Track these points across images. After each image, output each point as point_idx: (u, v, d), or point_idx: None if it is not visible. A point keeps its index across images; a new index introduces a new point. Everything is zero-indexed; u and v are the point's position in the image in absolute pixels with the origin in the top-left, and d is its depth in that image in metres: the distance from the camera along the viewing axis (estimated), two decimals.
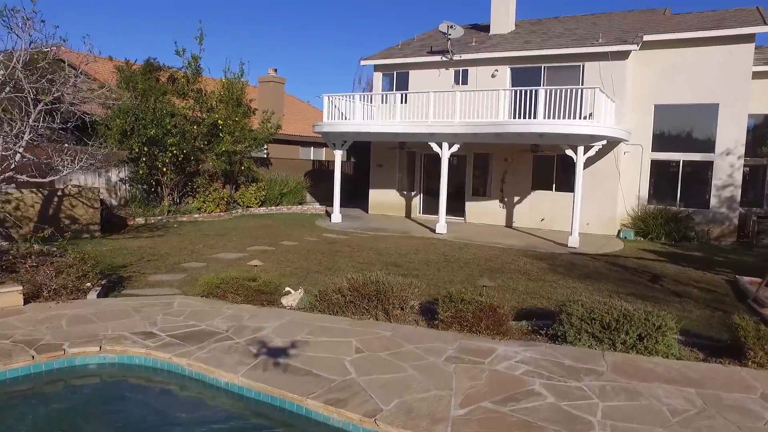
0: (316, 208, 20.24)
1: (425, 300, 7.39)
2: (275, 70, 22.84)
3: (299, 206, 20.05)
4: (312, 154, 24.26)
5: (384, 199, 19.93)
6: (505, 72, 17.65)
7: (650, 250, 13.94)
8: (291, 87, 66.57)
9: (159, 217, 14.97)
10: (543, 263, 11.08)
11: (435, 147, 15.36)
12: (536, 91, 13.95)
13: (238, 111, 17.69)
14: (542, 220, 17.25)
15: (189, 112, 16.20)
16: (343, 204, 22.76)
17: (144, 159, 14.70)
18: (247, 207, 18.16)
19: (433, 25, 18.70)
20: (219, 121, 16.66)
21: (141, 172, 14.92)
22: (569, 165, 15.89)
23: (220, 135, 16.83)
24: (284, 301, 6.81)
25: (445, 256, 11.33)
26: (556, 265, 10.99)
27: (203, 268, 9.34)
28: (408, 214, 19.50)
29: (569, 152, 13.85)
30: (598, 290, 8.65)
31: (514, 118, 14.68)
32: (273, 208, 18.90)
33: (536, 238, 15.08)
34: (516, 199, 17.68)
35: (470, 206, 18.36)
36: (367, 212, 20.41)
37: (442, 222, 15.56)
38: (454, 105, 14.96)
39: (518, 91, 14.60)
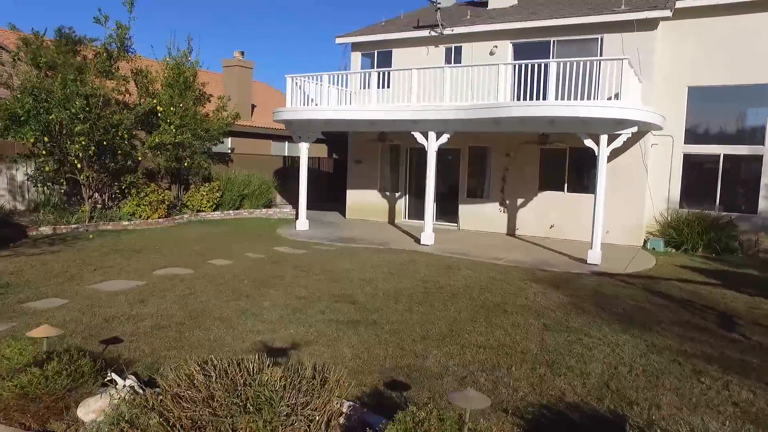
0: (286, 211, 17.23)
1: (368, 390, 4.41)
2: (242, 53, 19.86)
3: (265, 210, 17.02)
4: (286, 149, 21.28)
5: (364, 202, 16.92)
6: (506, 48, 14.64)
7: (691, 267, 10.93)
8: (265, 74, 62.70)
9: (75, 225, 11.95)
10: (560, 293, 8.07)
11: (420, 138, 12.35)
12: (546, 65, 10.94)
13: (187, 96, 14.68)
14: (552, 227, 14.25)
15: (118, 96, 13.14)
16: (320, 206, 19.81)
17: (44, 152, 11.65)
18: (198, 211, 15.15)
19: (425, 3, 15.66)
20: (158, 108, 13.64)
21: (47, 168, 11.89)
22: (585, 160, 12.94)
23: (160, 124, 13.83)
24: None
25: (426, 284, 8.31)
26: (579, 296, 7.99)
27: (56, 310, 6.32)
28: (391, 219, 16.49)
29: (589, 143, 10.84)
30: (653, 349, 5.65)
31: (518, 100, 11.68)
32: (231, 212, 15.88)
33: (546, 251, 12.07)
34: (520, 201, 14.67)
35: (465, 210, 15.36)
36: (344, 215, 17.41)
37: (428, 231, 12.55)
38: (443, 85, 11.94)
39: (523, 66, 11.57)
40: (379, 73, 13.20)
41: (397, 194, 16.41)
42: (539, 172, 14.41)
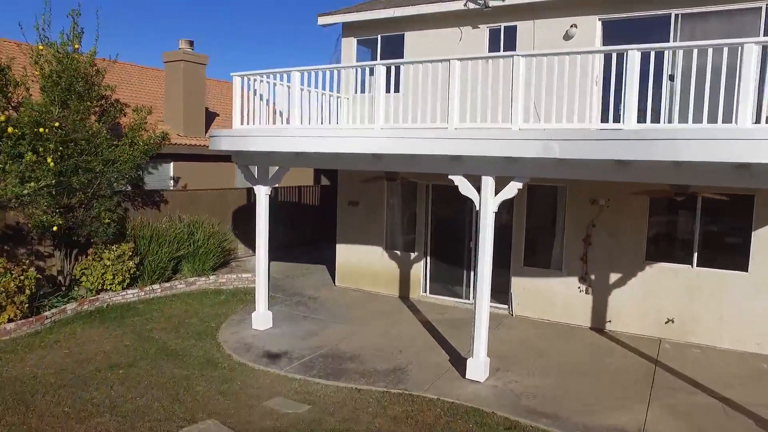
0: (246, 277, 11.41)
1: None
2: (190, 43, 14.25)
3: (215, 276, 11.30)
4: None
5: (362, 264, 11.30)
6: (590, 27, 9.01)
7: None
8: (228, 71, 54.73)
9: None
10: None
11: (464, 186, 6.78)
12: (742, 47, 5.30)
13: (78, 105, 9.08)
14: (669, 322, 8.65)
15: None
16: (301, 256, 14.17)
17: None
18: (100, 291, 9.50)
19: None
20: (10, 130, 8.01)
21: None
22: (733, 214, 7.47)
23: (15, 148, 8.25)
24: None
25: None
26: None
27: None
28: (404, 293, 10.87)
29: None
30: None
31: (660, 122, 6.05)
32: (158, 287, 10.21)
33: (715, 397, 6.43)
34: (614, 277, 9.08)
35: (521, 285, 9.75)
36: (333, 281, 11.80)
37: (479, 355, 6.88)
38: (512, 91, 6.32)
39: (676, 53, 5.97)
40: (387, 68, 7.49)
41: (412, 255, 10.77)
42: (647, 233, 8.81)
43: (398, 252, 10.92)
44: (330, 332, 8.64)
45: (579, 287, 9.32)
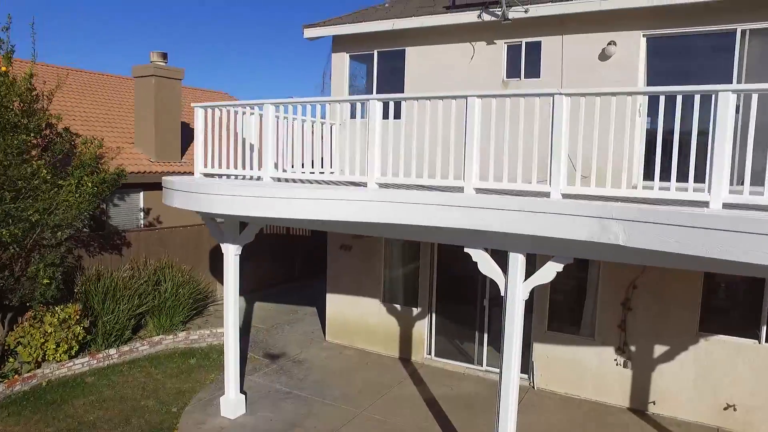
0: (222, 329, 9.81)
1: None
2: (163, 56, 12.58)
3: (187, 330, 9.72)
4: None
5: (355, 317, 9.70)
6: (633, 45, 7.36)
7: None
8: (215, 88, 52.49)
9: None
10: None
11: (483, 263, 5.21)
12: None
13: (10, 139, 7.45)
14: (729, 408, 7.07)
15: None
16: (288, 294, 12.56)
17: None
18: (41, 363, 7.91)
19: None
20: None
21: None
22: None
23: None
24: None
25: None
26: None
27: None
28: (405, 354, 9.27)
29: None
30: None
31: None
32: (114, 352, 8.58)
33: None
34: (659, 350, 7.48)
35: (545, 353, 8.16)
36: (324, 333, 10.22)
37: None
38: (556, 139, 4.70)
39: None
40: (375, 105, 5.84)
41: (414, 311, 9.17)
42: (701, 299, 7.20)
43: (398, 306, 9.32)
44: (315, 421, 7.05)
45: (615, 359, 7.72)
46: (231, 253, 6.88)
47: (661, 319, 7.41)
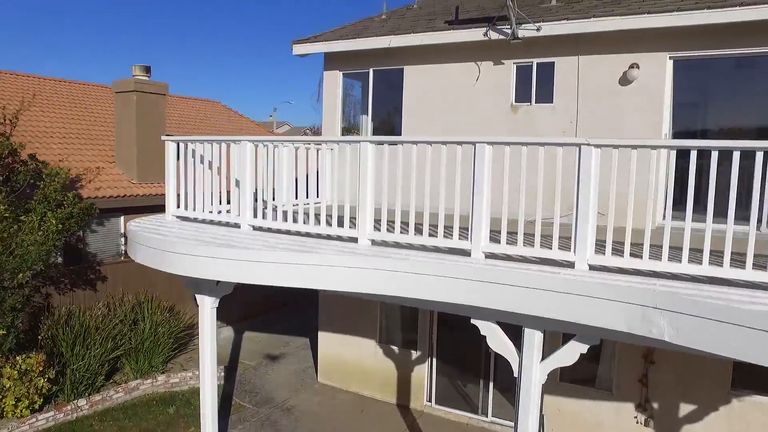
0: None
1: None
2: (146, 70, 11.75)
3: (168, 372, 8.95)
4: None
5: (350, 358, 8.92)
6: (658, 68, 6.55)
7: None
8: (229, 98, 52.67)
9: None
10: None
11: (493, 338, 4.45)
12: None
13: None
14: None
15: None
16: (279, 324, 11.74)
17: None
18: (1, 419, 7.16)
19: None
20: None
21: None
22: None
23: None
24: None
25: None
26: None
27: None
28: (404, 400, 8.49)
29: None
30: None
31: None
32: (85, 403, 7.80)
33: None
34: (685, 408, 6.71)
35: (555, 406, 7.39)
36: (316, 372, 9.47)
37: None
38: (583, 200, 3.93)
39: None
40: (374, 144, 5.04)
41: (413, 354, 8.39)
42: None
43: (396, 348, 8.54)
44: None
45: (636, 417, 6.96)
46: (207, 306, 6.10)
47: (688, 375, 6.64)
